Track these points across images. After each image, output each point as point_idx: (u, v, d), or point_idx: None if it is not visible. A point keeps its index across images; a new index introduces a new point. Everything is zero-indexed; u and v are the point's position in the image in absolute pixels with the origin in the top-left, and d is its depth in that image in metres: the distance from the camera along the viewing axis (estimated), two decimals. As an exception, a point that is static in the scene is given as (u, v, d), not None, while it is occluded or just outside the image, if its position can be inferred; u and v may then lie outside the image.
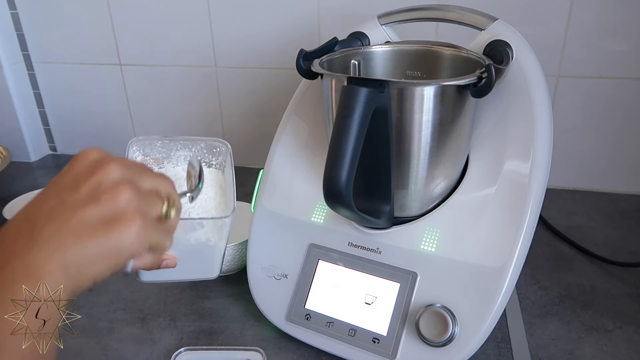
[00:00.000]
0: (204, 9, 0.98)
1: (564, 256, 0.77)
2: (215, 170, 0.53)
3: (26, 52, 1.11)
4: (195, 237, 0.49)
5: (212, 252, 0.51)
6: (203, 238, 0.49)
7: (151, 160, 0.51)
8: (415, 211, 0.60)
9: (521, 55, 0.58)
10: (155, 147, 0.51)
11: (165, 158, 0.52)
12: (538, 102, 0.57)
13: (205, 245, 0.50)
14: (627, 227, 0.84)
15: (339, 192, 0.48)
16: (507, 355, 0.59)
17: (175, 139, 0.52)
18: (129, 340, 0.63)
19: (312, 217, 0.64)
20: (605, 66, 0.86)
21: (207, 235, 0.49)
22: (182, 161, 0.52)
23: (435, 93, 0.51)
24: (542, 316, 0.65)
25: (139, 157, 0.51)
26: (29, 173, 1.11)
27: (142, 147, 0.51)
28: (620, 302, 0.67)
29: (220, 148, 0.53)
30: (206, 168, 0.52)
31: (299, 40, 0.96)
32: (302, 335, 0.60)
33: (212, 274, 0.53)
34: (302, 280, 0.62)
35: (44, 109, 1.16)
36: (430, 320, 0.54)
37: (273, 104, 1.02)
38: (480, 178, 0.58)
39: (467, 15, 0.62)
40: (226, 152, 0.53)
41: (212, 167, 0.53)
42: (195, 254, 0.50)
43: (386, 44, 0.66)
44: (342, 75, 0.57)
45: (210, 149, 0.53)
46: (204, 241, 0.49)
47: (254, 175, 0.69)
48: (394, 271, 0.58)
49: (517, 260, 0.54)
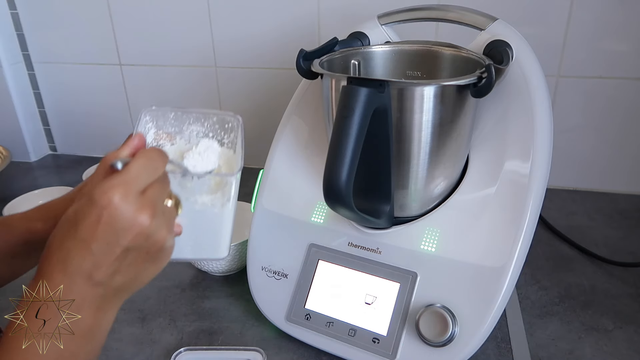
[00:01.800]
0: (204, 9, 0.98)
1: (564, 256, 0.77)
2: (227, 149, 0.53)
3: (26, 52, 1.11)
4: (201, 200, 0.48)
5: (219, 223, 0.49)
6: (208, 202, 0.48)
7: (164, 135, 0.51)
8: (415, 211, 0.60)
9: (521, 55, 0.58)
10: (167, 119, 0.51)
11: (177, 133, 0.51)
12: (538, 102, 0.57)
13: (211, 213, 0.48)
14: (627, 227, 0.84)
15: (339, 192, 0.48)
16: (507, 355, 0.59)
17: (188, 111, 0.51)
18: (129, 340, 0.63)
19: (312, 217, 0.64)
20: (605, 66, 0.86)
21: (213, 200, 0.48)
22: (195, 137, 0.51)
23: (435, 93, 0.51)
24: (542, 316, 0.65)
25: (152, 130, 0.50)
26: (29, 173, 1.11)
27: (154, 118, 0.50)
28: (620, 302, 0.67)
29: (232, 123, 0.52)
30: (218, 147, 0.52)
31: (299, 40, 0.96)
32: (302, 335, 0.60)
33: (219, 252, 0.51)
34: (302, 280, 0.62)
35: (44, 109, 1.16)
36: (430, 320, 0.54)
37: (273, 104, 1.02)
38: (480, 178, 0.58)
39: (467, 15, 0.62)
40: (237, 126, 0.52)
41: (224, 147, 0.52)
42: (201, 222, 0.49)
43: (386, 44, 0.66)
44: (342, 75, 0.57)
45: (222, 124, 0.52)
46: (210, 206, 0.48)
47: (254, 175, 0.69)
48: (394, 271, 0.58)
49: (517, 260, 0.54)
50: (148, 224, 0.37)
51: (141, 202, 0.37)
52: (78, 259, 0.37)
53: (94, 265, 0.37)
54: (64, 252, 0.37)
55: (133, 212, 0.37)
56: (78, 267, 0.37)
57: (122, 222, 0.36)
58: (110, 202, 0.36)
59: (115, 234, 0.37)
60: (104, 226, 0.36)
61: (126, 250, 0.38)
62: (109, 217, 0.36)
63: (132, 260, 0.39)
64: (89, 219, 0.36)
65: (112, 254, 0.37)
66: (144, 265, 0.40)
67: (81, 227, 0.37)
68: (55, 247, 0.38)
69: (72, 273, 0.37)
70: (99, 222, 0.36)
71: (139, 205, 0.37)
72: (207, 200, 0.48)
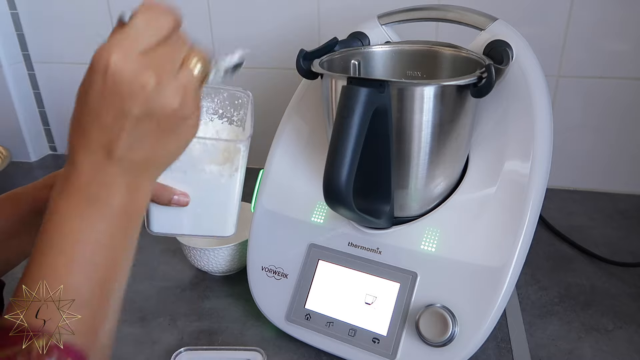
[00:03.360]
0: (204, 9, 0.98)
1: (564, 256, 0.77)
2: (236, 127, 0.52)
3: (26, 52, 1.11)
4: (209, 169, 0.47)
5: (226, 194, 0.49)
6: (216, 171, 0.48)
7: None
8: (415, 211, 0.60)
9: (521, 55, 0.58)
10: None
11: None
12: (538, 102, 0.57)
13: (219, 183, 0.48)
14: (627, 227, 0.84)
15: (339, 192, 0.48)
16: (507, 355, 0.59)
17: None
18: (129, 340, 0.63)
19: (312, 217, 0.64)
20: (605, 66, 0.86)
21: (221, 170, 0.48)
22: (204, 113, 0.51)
23: (435, 93, 0.51)
24: (542, 316, 0.65)
25: None
26: (29, 173, 1.11)
27: None
28: (620, 302, 0.67)
29: (242, 99, 0.52)
30: (227, 125, 0.52)
31: (299, 40, 0.96)
32: (302, 335, 0.60)
33: (225, 229, 0.50)
34: (302, 280, 0.62)
35: (44, 109, 1.16)
36: (430, 320, 0.54)
37: (273, 104, 1.02)
38: (480, 178, 0.58)
39: (467, 15, 0.62)
40: (248, 102, 0.52)
41: (234, 124, 0.52)
42: (208, 193, 0.48)
43: (386, 44, 0.66)
44: (342, 75, 0.57)
45: (232, 100, 0.52)
46: (218, 175, 0.48)
47: (254, 175, 0.69)
48: (394, 271, 0.58)
49: (517, 260, 0.54)
50: (151, 87, 0.34)
51: (144, 63, 0.34)
52: (94, 133, 0.34)
53: (109, 139, 0.34)
54: (80, 129, 0.35)
55: (134, 74, 0.33)
56: (96, 143, 0.35)
57: (125, 85, 0.33)
58: (108, 65, 0.33)
59: (121, 100, 0.34)
60: (109, 93, 0.33)
61: (137, 120, 0.34)
62: (112, 82, 0.33)
63: (146, 131, 0.35)
64: (95, 88, 0.34)
65: (122, 125, 0.34)
66: (162, 138, 0.36)
67: (90, 98, 0.34)
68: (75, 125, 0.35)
69: (92, 151, 0.35)
70: (104, 89, 0.33)
71: (141, 66, 0.33)
72: (215, 170, 0.47)
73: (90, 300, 0.34)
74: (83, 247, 0.35)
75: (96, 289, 0.35)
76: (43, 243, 0.35)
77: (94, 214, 0.35)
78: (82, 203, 0.35)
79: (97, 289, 0.35)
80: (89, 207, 0.35)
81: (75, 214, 0.35)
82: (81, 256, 0.35)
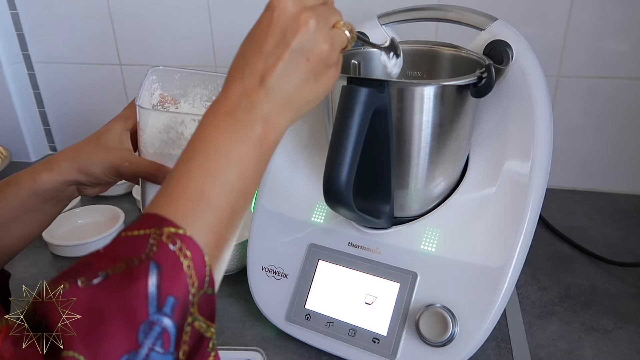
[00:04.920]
0: (204, 9, 0.98)
1: (564, 256, 0.77)
2: None
3: (26, 52, 1.11)
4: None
5: None
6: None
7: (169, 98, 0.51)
8: (415, 211, 0.60)
9: (521, 55, 0.58)
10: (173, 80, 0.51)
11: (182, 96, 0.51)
12: (538, 102, 0.57)
13: None
14: (627, 227, 0.84)
15: (339, 192, 0.48)
16: (507, 355, 0.59)
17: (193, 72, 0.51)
18: (129, 340, 0.63)
19: (312, 217, 0.64)
20: (605, 66, 0.86)
21: None
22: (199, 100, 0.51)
23: (435, 93, 0.51)
24: (542, 316, 0.65)
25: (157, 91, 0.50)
26: (29, 173, 1.11)
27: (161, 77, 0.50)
28: (620, 302, 0.67)
29: None
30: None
31: (299, 40, 0.96)
32: (302, 335, 0.60)
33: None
34: (302, 280, 0.62)
35: (44, 109, 1.16)
36: (430, 320, 0.54)
37: (273, 104, 1.02)
38: (480, 178, 0.58)
39: (467, 15, 0.62)
40: None
41: None
42: None
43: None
44: (342, 75, 0.56)
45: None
46: None
47: (254, 175, 0.69)
48: (394, 271, 0.58)
49: (517, 260, 0.54)
50: (311, 27, 0.39)
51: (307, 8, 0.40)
52: (253, 61, 0.39)
53: (265, 66, 0.39)
54: (242, 59, 0.40)
55: (299, 13, 0.39)
56: (252, 69, 0.39)
57: (289, 20, 0.39)
58: (279, 4, 0.40)
59: (282, 32, 0.39)
60: (273, 27, 0.39)
61: (291, 52, 0.39)
62: (277, 17, 0.39)
63: (297, 66, 0.40)
64: (263, 24, 0.40)
65: (280, 54, 0.39)
66: (308, 77, 0.41)
67: (255, 32, 0.40)
68: (237, 58, 0.41)
69: (247, 77, 0.39)
70: (270, 24, 0.40)
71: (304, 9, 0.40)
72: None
73: (217, 204, 0.37)
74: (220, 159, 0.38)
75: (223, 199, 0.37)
76: (187, 152, 0.38)
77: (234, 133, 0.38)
78: (227, 123, 0.39)
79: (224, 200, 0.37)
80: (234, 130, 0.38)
81: (219, 130, 0.38)
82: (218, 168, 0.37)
